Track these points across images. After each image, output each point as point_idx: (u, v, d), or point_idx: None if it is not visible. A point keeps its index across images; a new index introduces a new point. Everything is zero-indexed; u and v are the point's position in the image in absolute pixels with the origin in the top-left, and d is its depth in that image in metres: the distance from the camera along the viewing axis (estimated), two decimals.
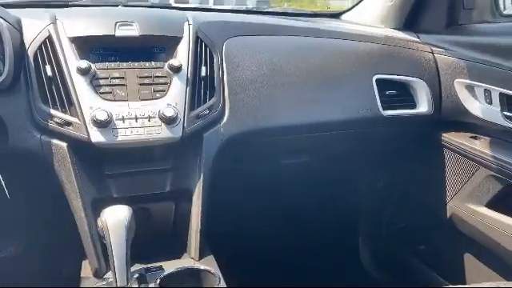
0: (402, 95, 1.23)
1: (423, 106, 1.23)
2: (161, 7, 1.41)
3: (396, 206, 1.49)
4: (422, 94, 1.23)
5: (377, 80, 1.19)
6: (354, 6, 1.59)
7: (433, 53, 1.25)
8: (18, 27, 0.95)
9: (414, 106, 1.24)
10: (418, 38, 1.30)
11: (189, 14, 1.11)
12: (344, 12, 1.63)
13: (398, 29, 1.36)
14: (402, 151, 1.36)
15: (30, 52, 0.93)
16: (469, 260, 1.25)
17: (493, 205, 1.13)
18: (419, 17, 1.33)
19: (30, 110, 0.90)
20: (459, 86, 1.19)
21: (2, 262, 1.32)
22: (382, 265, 1.57)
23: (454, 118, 1.22)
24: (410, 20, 1.34)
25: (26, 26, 0.96)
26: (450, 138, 1.22)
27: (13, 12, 1.00)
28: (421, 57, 1.25)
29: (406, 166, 1.40)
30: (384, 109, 1.19)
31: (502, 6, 1.26)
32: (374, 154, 1.40)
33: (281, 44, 1.16)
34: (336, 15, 1.66)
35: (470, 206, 1.18)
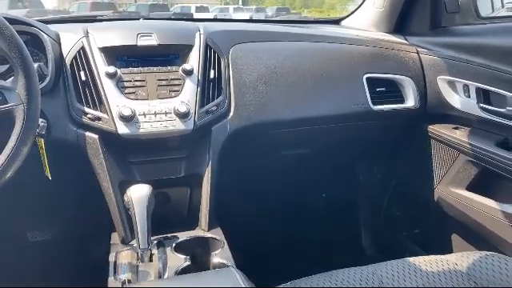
0: (390, 92, 1.36)
1: (410, 101, 1.37)
2: (175, 19, 1.58)
3: (392, 193, 1.62)
4: (409, 90, 1.37)
5: (367, 78, 1.33)
6: (351, 13, 1.75)
7: (418, 53, 1.39)
8: (57, 40, 1.13)
9: (402, 101, 1.37)
10: (406, 40, 1.44)
11: (200, 24, 1.26)
12: (343, 18, 1.78)
13: (389, 32, 1.51)
14: (392, 142, 1.50)
15: (68, 60, 1.10)
16: (453, 238, 1.37)
17: (471, 187, 1.25)
18: (406, 21, 1.47)
19: (67, 108, 1.07)
20: (441, 82, 1.33)
21: (42, 245, 1.52)
22: (381, 249, 1.70)
23: (438, 111, 1.35)
24: (399, 24, 1.49)
25: (64, 39, 1.14)
26: (435, 129, 1.35)
27: (52, 27, 1.19)
28: (407, 57, 1.39)
29: (397, 156, 1.53)
30: (374, 104, 1.33)
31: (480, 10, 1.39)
32: (368, 145, 1.53)
33: (280, 49, 1.31)
34: (336, 21, 1.81)
35: (453, 190, 1.30)
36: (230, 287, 0.59)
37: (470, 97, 1.25)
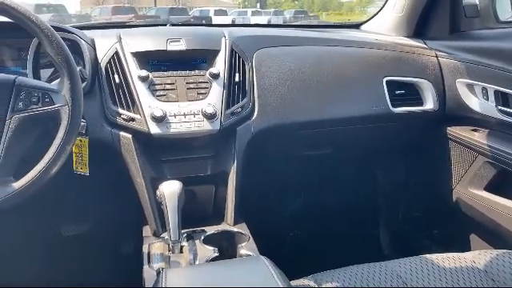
0: (410, 94, 1.40)
1: (429, 104, 1.40)
2: (201, 25, 1.65)
3: (411, 194, 1.65)
4: (428, 93, 1.40)
5: (387, 81, 1.37)
6: (371, 18, 1.79)
7: (437, 57, 1.42)
8: (93, 45, 1.20)
9: (421, 104, 1.41)
10: (425, 44, 1.48)
11: (225, 30, 1.32)
12: (363, 23, 1.82)
13: (408, 36, 1.54)
14: (412, 144, 1.53)
15: (102, 64, 1.17)
16: (472, 239, 1.40)
17: (490, 188, 1.28)
18: (426, 25, 1.51)
19: (103, 109, 1.14)
20: (460, 86, 1.36)
21: (75, 239, 1.60)
22: (399, 249, 1.72)
23: (457, 114, 1.38)
24: (418, 28, 1.52)
25: (99, 44, 1.21)
26: (454, 131, 1.38)
27: (87, 33, 1.27)
28: (426, 60, 1.42)
29: (416, 157, 1.56)
30: (394, 106, 1.37)
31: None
32: (387, 146, 1.57)
33: (302, 53, 1.36)
34: (356, 25, 1.85)
35: (471, 191, 1.33)
36: (261, 272, 0.64)
37: (488, 99, 1.28)
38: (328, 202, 1.67)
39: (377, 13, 1.73)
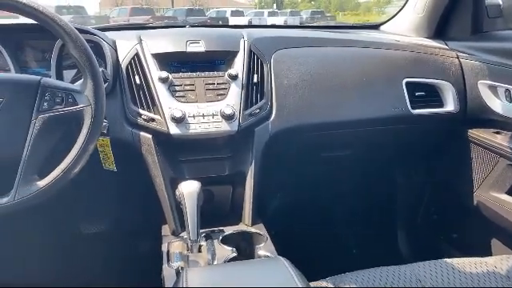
0: (430, 96, 1.38)
1: (450, 105, 1.38)
2: (220, 26, 1.66)
3: (430, 196, 1.63)
4: (449, 94, 1.38)
5: (406, 83, 1.36)
6: (391, 18, 1.77)
7: (458, 58, 1.40)
8: (114, 47, 1.22)
9: (441, 105, 1.39)
10: (446, 45, 1.46)
11: (244, 31, 1.33)
12: (382, 23, 1.81)
13: (429, 37, 1.52)
14: (432, 146, 1.51)
15: (123, 65, 1.19)
16: (493, 243, 1.37)
17: None
18: (447, 26, 1.49)
19: (123, 110, 1.16)
20: (482, 87, 1.33)
21: (94, 237, 1.63)
22: (418, 252, 1.70)
23: (479, 116, 1.36)
24: (439, 29, 1.50)
25: (120, 46, 1.23)
26: (475, 133, 1.36)
27: (108, 34, 1.29)
28: (447, 62, 1.40)
29: (436, 159, 1.54)
30: (413, 108, 1.35)
31: None
32: (407, 148, 1.55)
33: (320, 54, 1.36)
34: (375, 26, 1.84)
35: (493, 194, 1.31)
36: (281, 273, 0.64)
37: (511, 101, 1.25)
38: (346, 204, 1.66)
39: (396, 13, 1.71)
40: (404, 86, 1.35)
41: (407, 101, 1.35)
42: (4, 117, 0.86)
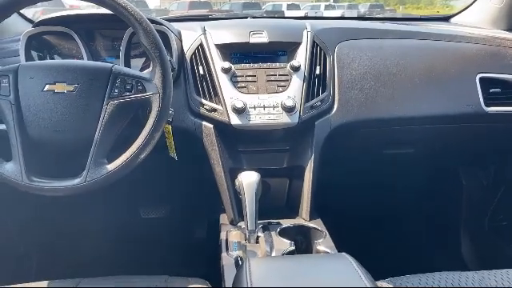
0: (506, 93, 1.29)
1: None
2: (281, 18, 1.64)
3: (499, 201, 1.52)
4: None
5: (480, 78, 1.27)
6: (463, 10, 1.66)
7: None
8: (179, 37, 1.25)
9: None
10: None
11: (307, 22, 1.30)
12: (453, 15, 1.70)
13: (508, 30, 1.41)
14: (504, 147, 1.40)
15: (188, 55, 1.21)
16: None
17: None
18: None
19: (187, 100, 1.18)
20: None
21: (152, 222, 1.68)
22: (482, 259, 1.60)
23: None
24: None
25: (185, 36, 1.25)
26: None
27: (174, 25, 1.32)
28: None
29: (508, 161, 1.43)
30: (487, 105, 1.26)
31: None
32: (475, 148, 1.46)
33: (386, 46, 1.30)
34: (445, 18, 1.74)
35: None
36: (347, 270, 0.62)
37: None
38: (406, 204, 1.59)
39: (470, 4, 1.60)
40: (478, 82, 1.27)
41: (480, 98, 1.26)
42: (78, 102, 0.90)
